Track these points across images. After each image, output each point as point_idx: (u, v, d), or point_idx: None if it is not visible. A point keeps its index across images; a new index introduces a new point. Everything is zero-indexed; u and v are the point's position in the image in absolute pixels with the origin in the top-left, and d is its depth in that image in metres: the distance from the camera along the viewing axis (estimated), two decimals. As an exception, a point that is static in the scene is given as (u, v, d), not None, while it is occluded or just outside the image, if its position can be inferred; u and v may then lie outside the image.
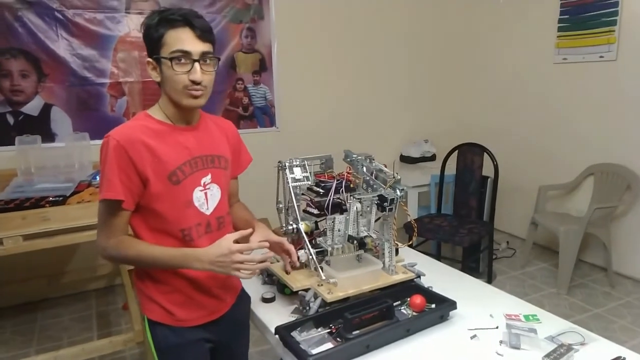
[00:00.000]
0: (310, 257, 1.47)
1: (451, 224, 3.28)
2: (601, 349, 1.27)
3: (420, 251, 2.02)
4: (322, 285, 1.44)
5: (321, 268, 1.46)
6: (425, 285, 1.54)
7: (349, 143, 2.55)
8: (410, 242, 1.74)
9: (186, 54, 1.20)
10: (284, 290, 1.55)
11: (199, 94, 1.24)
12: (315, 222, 1.62)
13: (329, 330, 1.33)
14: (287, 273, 1.52)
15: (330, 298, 1.39)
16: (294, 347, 1.23)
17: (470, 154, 3.40)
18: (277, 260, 1.64)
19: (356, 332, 1.30)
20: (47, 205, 2.26)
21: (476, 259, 3.52)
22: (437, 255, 3.54)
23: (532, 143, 4.03)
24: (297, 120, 3.91)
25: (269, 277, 1.65)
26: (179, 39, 1.19)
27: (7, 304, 3.17)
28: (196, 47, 1.21)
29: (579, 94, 3.63)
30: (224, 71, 3.54)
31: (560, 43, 3.70)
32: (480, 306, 1.48)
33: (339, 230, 1.51)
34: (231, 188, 1.48)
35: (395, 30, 4.23)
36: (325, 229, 1.55)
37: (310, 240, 1.53)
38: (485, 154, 3.30)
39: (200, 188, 1.30)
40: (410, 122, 4.48)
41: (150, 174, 1.21)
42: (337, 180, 1.61)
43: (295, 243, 1.60)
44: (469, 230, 3.14)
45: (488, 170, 3.32)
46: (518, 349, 1.27)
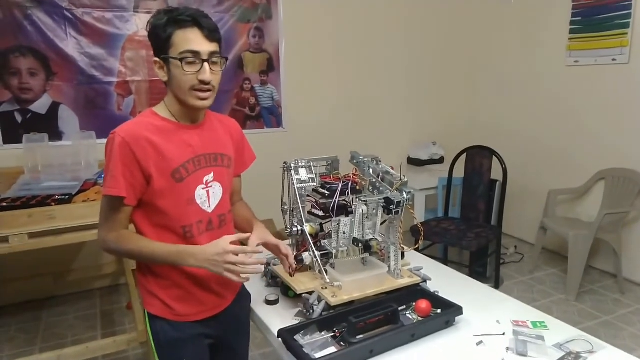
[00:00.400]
0: (315, 260, 1.45)
1: (459, 227, 3.25)
2: (610, 358, 1.24)
3: (427, 255, 1.99)
4: (327, 288, 1.42)
5: (325, 271, 1.44)
6: (431, 290, 1.52)
7: (356, 144, 2.53)
8: (416, 246, 1.72)
9: (195, 54, 1.21)
10: (288, 293, 1.53)
11: (207, 95, 1.25)
12: (320, 224, 1.60)
13: (333, 334, 1.31)
14: (291, 275, 1.51)
15: (334, 301, 1.37)
16: (297, 351, 1.22)
17: (479, 157, 3.37)
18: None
19: (360, 337, 1.28)
20: (53, 203, 2.26)
21: (484, 263, 3.48)
22: (444, 259, 3.51)
23: (542, 146, 3.99)
24: (304, 121, 3.90)
25: (272, 279, 1.63)
26: (188, 39, 1.20)
27: (13, 302, 3.18)
28: (205, 47, 1.22)
29: (590, 98, 3.59)
30: (231, 71, 3.53)
31: (572, 45, 3.66)
32: (487, 312, 1.46)
33: (344, 233, 1.49)
34: (234, 186, 1.48)
35: (404, 31, 4.20)
36: (330, 231, 1.53)
37: (315, 243, 1.51)
38: (494, 157, 3.27)
39: (203, 186, 1.31)
40: (418, 124, 4.46)
41: (154, 171, 1.22)
42: (343, 182, 1.59)
43: (300, 245, 1.59)
44: (477, 235, 3.11)
45: (497, 173, 3.28)
46: (525, 356, 1.24)
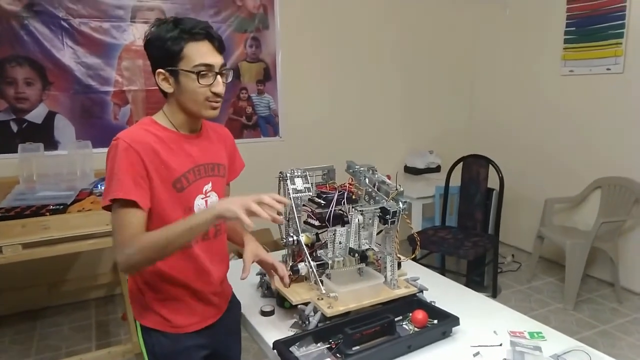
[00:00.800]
0: (311, 270, 1.44)
1: (456, 236, 3.24)
2: (608, 369, 1.23)
3: (424, 264, 1.98)
4: (322, 299, 1.41)
5: (321, 281, 1.43)
6: (428, 300, 1.51)
7: (353, 153, 2.53)
8: (413, 256, 1.71)
9: (209, 67, 1.21)
10: (284, 304, 1.51)
11: (218, 105, 1.26)
12: (316, 234, 1.59)
13: (329, 345, 1.29)
14: (286, 286, 1.49)
15: (330, 312, 1.35)
16: (292, 363, 1.20)
17: (475, 165, 3.37)
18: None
19: (356, 348, 1.27)
20: (48, 213, 2.25)
21: (481, 272, 3.47)
22: (442, 268, 3.50)
23: (539, 155, 4.00)
24: (301, 130, 3.90)
25: (268, 290, 1.62)
26: (201, 52, 1.20)
27: (7, 312, 3.15)
28: (217, 60, 1.23)
29: (585, 107, 3.61)
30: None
31: (566, 55, 3.68)
32: (484, 322, 1.45)
33: (340, 243, 1.49)
34: (225, 195, 1.47)
35: (400, 41, 4.22)
36: (326, 241, 1.52)
37: (310, 253, 1.50)
38: (490, 165, 3.27)
39: (202, 196, 1.31)
40: (415, 133, 4.46)
41: (156, 179, 1.21)
42: (339, 192, 1.59)
43: (296, 255, 1.58)
44: (474, 243, 3.10)
45: (493, 182, 3.28)
46: (523, 367, 1.23)
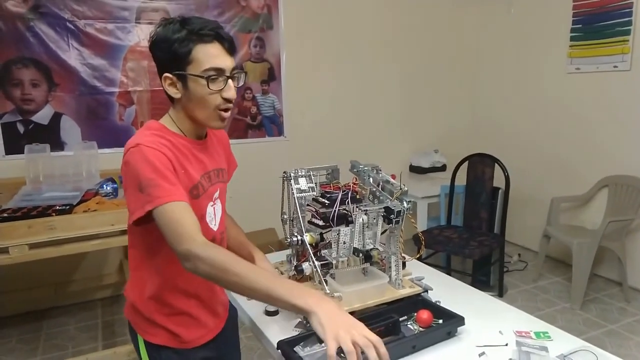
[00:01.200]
0: (315, 270, 1.43)
1: (461, 236, 3.23)
2: (615, 370, 1.21)
3: (430, 264, 1.97)
4: (327, 299, 1.40)
5: (325, 281, 1.42)
6: (433, 300, 1.50)
7: (358, 152, 2.52)
8: (418, 255, 1.70)
9: (220, 71, 1.12)
10: (288, 304, 1.51)
11: (228, 115, 1.19)
12: (320, 234, 1.58)
13: (333, 345, 1.29)
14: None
15: (334, 312, 1.35)
16: (297, 363, 1.20)
17: (481, 164, 3.35)
18: (281, 273, 1.61)
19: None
20: (54, 214, 2.26)
21: (487, 272, 3.46)
22: (447, 267, 3.48)
23: (545, 154, 3.97)
24: (306, 130, 3.90)
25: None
26: (211, 55, 1.10)
27: (14, 312, 3.17)
28: (228, 63, 1.13)
29: (592, 105, 3.58)
30: (232, 81, 3.55)
31: (572, 53, 3.65)
32: (490, 322, 1.43)
33: (344, 243, 1.48)
34: None
35: (405, 40, 4.21)
36: (330, 241, 1.52)
37: (315, 253, 1.50)
38: (496, 164, 3.25)
39: (212, 203, 1.26)
40: (420, 132, 4.45)
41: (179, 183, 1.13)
42: (343, 191, 1.58)
43: (300, 255, 1.58)
44: (480, 243, 3.09)
45: (499, 181, 3.26)
46: (529, 368, 1.22)
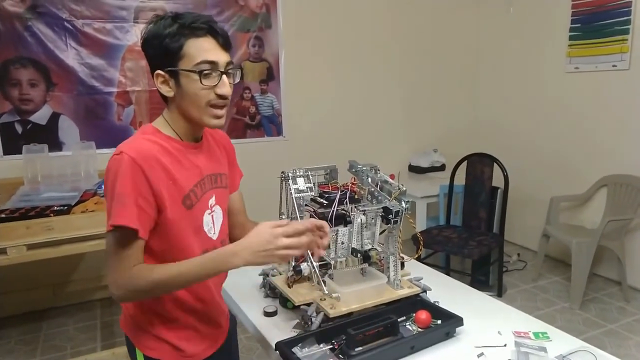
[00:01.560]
0: (313, 271, 1.43)
1: (460, 235, 3.23)
2: (614, 370, 1.21)
3: (429, 264, 1.97)
4: (325, 299, 1.40)
5: (324, 282, 1.42)
6: (432, 300, 1.50)
7: (356, 152, 2.52)
8: (416, 255, 1.70)
9: (213, 65, 1.08)
10: (286, 304, 1.51)
11: (223, 113, 1.13)
12: (319, 234, 1.58)
13: (332, 346, 1.28)
14: (289, 286, 1.49)
15: (332, 313, 1.34)
16: (295, 364, 1.19)
17: (480, 164, 3.35)
18: (280, 273, 1.61)
19: (359, 349, 1.25)
20: (52, 214, 2.25)
21: (486, 271, 3.45)
22: (446, 267, 3.48)
23: (544, 153, 3.97)
24: (305, 129, 3.89)
25: (271, 290, 1.61)
26: (204, 49, 1.07)
27: (13, 313, 3.16)
28: (222, 57, 1.09)
29: (591, 104, 3.58)
30: (231, 80, 3.55)
31: (571, 52, 3.65)
32: (488, 322, 1.43)
33: (343, 243, 1.47)
34: (237, 205, 1.39)
35: (404, 39, 4.20)
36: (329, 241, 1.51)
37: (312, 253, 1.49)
38: (495, 164, 3.25)
39: (209, 211, 1.20)
40: (418, 132, 4.44)
41: (167, 198, 1.08)
42: (341, 192, 1.58)
43: (298, 256, 1.57)
44: (479, 242, 3.08)
45: (498, 180, 3.26)
46: (528, 368, 1.22)
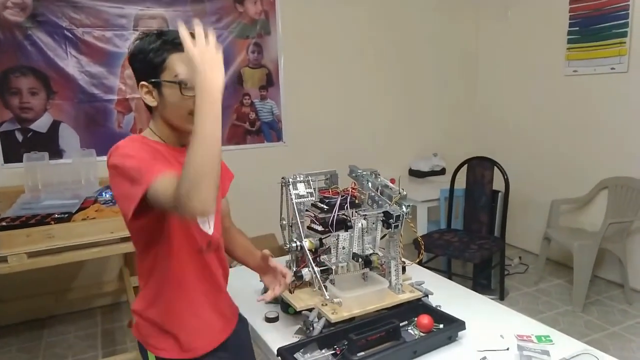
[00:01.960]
0: (314, 276, 1.43)
1: (461, 239, 3.22)
2: (618, 373, 1.21)
3: (431, 268, 1.97)
4: (326, 305, 1.40)
5: (325, 287, 1.42)
6: (434, 305, 1.49)
7: (357, 157, 2.52)
8: (418, 260, 1.70)
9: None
10: (288, 310, 1.50)
11: None
12: (320, 239, 1.58)
13: (334, 351, 1.28)
14: (291, 292, 1.49)
15: (334, 318, 1.34)
16: (297, 370, 1.19)
17: (480, 168, 3.35)
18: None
19: (361, 354, 1.25)
20: (52, 222, 2.25)
21: (488, 275, 3.45)
22: (448, 271, 3.47)
23: (544, 156, 3.97)
24: (305, 135, 3.89)
25: (272, 296, 1.61)
26: (184, 62, 1.12)
27: (13, 321, 3.15)
28: None
29: (590, 106, 3.58)
30: (230, 87, 3.54)
31: (570, 55, 3.66)
32: (491, 326, 1.43)
33: (344, 248, 1.47)
34: (223, 209, 1.42)
35: (403, 44, 4.21)
36: (330, 246, 1.51)
37: (314, 258, 1.49)
38: (495, 167, 3.25)
39: None
40: (418, 136, 4.45)
41: None
42: (342, 196, 1.58)
43: (299, 261, 1.57)
44: (480, 246, 3.08)
45: (499, 184, 3.26)
46: (531, 372, 1.21)
